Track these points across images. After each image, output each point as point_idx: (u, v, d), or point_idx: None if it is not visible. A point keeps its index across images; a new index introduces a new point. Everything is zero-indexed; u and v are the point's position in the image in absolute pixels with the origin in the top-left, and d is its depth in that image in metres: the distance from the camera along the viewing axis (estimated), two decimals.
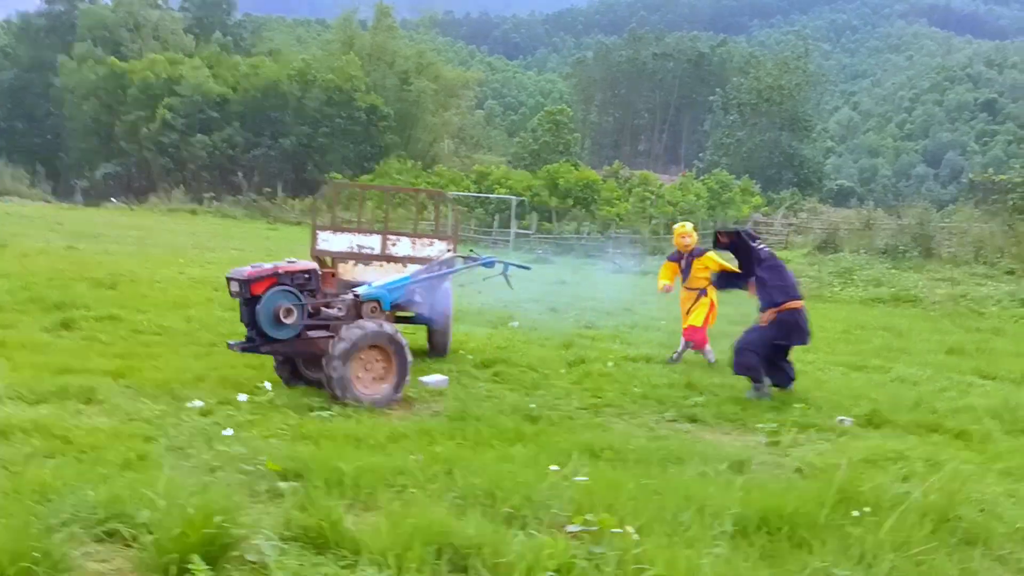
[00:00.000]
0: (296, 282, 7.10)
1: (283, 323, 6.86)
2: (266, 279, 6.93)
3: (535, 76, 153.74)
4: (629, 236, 42.60)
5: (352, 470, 4.65)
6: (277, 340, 6.95)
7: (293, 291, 7.01)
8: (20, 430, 5.16)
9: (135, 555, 3.48)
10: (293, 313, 6.90)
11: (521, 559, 3.64)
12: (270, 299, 6.85)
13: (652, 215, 45.20)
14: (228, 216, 53.23)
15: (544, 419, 6.75)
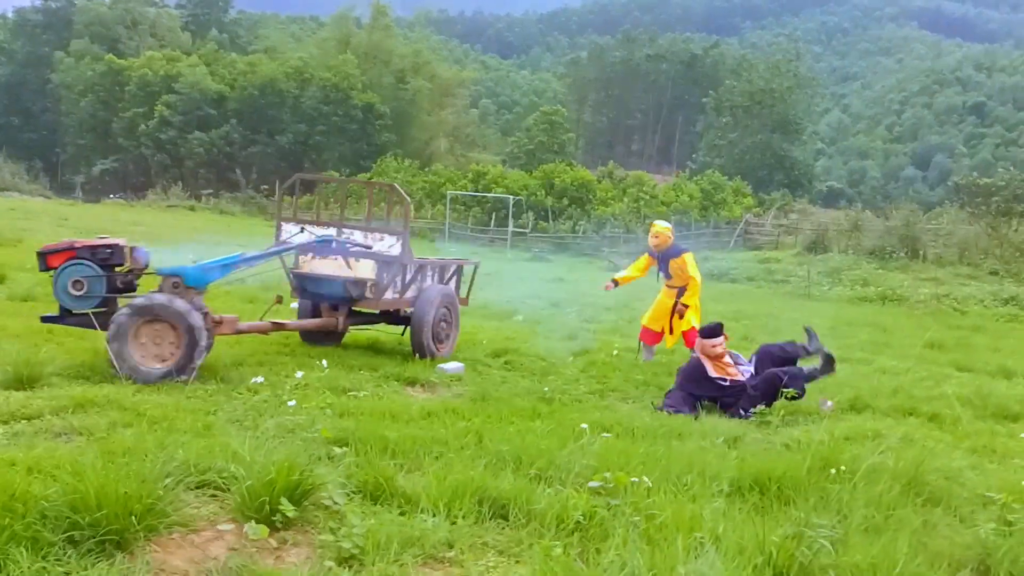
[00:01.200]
0: (98, 257, 7.23)
1: (77, 295, 7.11)
2: (63, 253, 7.18)
3: (529, 75, 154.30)
4: (623, 235, 43.29)
5: (396, 438, 5.31)
6: (80, 313, 7.18)
7: (90, 265, 7.17)
8: (95, 404, 5.79)
9: (228, 501, 4.12)
10: (83, 285, 7.07)
11: (551, 508, 4.30)
12: (64, 272, 7.12)
13: (646, 215, 45.85)
14: (226, 212, 53.81)
15: (556, 401, 7.42)
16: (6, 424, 5.28)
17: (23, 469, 3.86)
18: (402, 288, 9.34)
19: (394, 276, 9.13)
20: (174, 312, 6.95)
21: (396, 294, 9.29)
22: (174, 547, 3.69)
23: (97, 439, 4.99)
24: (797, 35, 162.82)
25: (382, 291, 8.99)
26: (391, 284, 9.10)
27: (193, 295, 7.31)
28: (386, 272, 9.00)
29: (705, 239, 44.40)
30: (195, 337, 6.97)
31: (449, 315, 9.66)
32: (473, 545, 3.97)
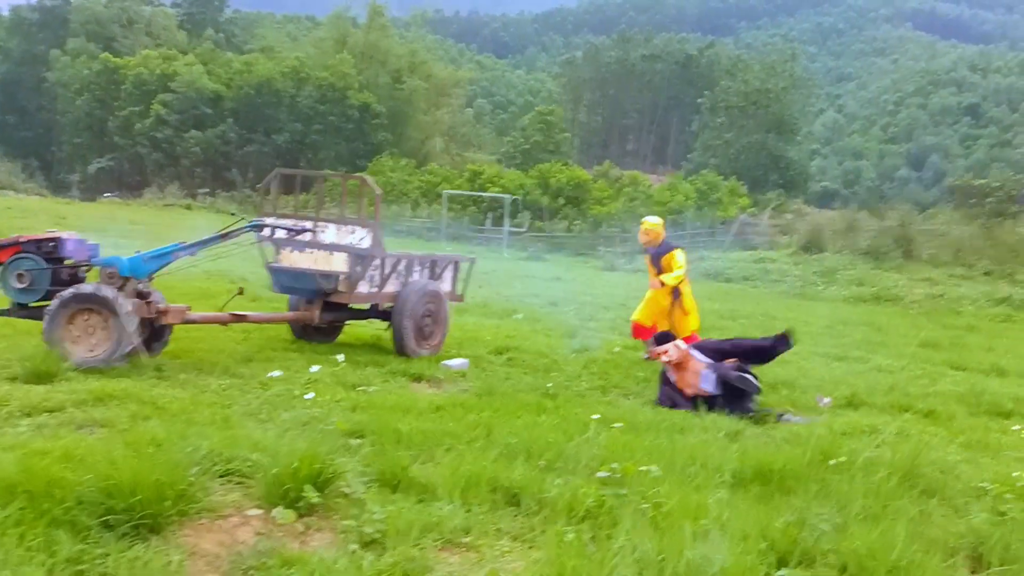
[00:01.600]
0: (43, 251, 7.48)
1: (22, 288, 7.38)
2: (9, 248, 7.45)
3: (524, 75, 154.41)
4: (619, 234, 43.45)
5: (408, 431, 5.48)
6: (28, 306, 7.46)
7: (34, 258, 7.41)
8: (113, 397, 5.95)
9: (252, 489, 4.28)
10: (27, 278, 7.35)
11: (562, 496, 4.47)
12: (10, 266, 7.39)
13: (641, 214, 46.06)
14: (222, 211, 53.67)
15: (560, 396, 7.59)
16: (30, 417, 5.44)
17: (55, 458, 4.01)
18: (381, 282, 9.28)
19: (367, 270, 9.10)
20: (100, 300, 7.12)
21: (374, 288, 9.25)
22: (204, 531, 3.85)
23: (119, 431, 5.15)
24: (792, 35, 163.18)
25: (354, 284, 8.98)
26: (364, 278, 9.08)
27: (131, 284, 7.45)
28: (359, 265, 8.98)
29: (700, 239, 44.57)
30: (122, 324, 7.10)
31: (436, 311, 9.53)
32: (488, 531, 4.14)
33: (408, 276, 9.60)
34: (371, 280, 9.22)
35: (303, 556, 3.61)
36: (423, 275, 9.81)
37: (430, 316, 9.45)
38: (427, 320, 9.42)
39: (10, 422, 5.29)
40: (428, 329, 9.45)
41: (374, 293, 9.30)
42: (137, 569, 3.30)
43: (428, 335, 9.45)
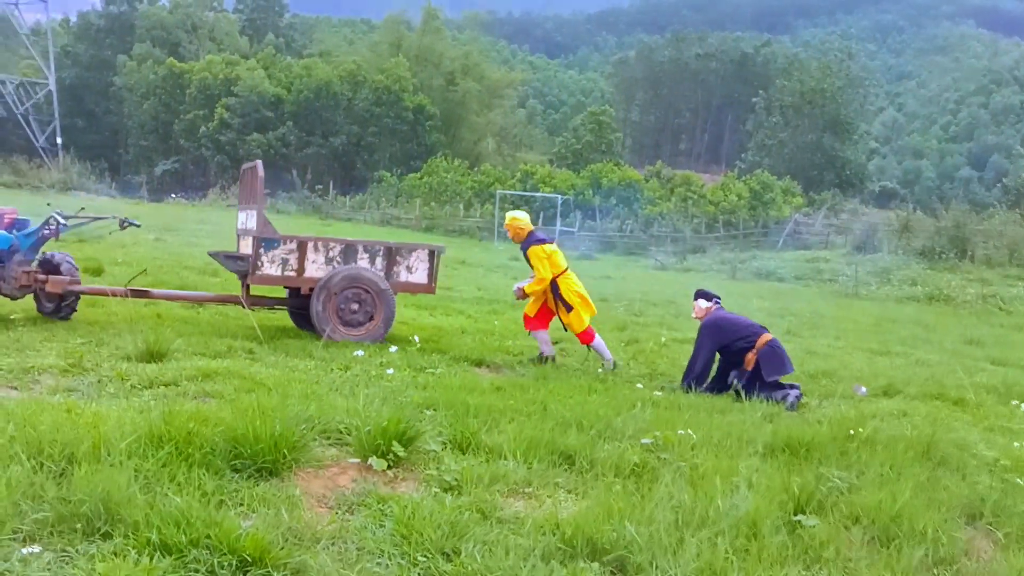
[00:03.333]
0: None
1: None
2: None
3: (576, 75, 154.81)
4: (671, 234, 43.89)
5: (474, 404, 6.22)
6: None
7: None
8: (217, 374, 6.77)
9: (346, 447, 5.06)
10: None
11: (610, 457, 5.18)
12: None
13: (694, 214, 46.40)
14: (282, 212, 55.18)
15: (610, 381, 8.27)
16: (150, 389, 6.29)
17: (189, 416, 4.81)
18: (298, 267, 9.39)
19: (272, 253, 9.32)
20: None
21: (289, 272, 9.41)
22: (311, 477, 4.62)
23: (229, 400, 5.96)
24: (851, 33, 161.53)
25: (254, 267, 9.31)
26: (267, 261, 9.31)
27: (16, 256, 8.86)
28: (260, 248, 9.31)
29: (753, 238, 44.84)
30: None
31: (368, 299, 9.34)
32: (546, 484, 4.85)
33: (347, 262, 9.53)
34: (285, 264, 9.40)
35: (394, 496, 4.36)
36: (372, 263, 9.61)
37: (358, 302, 9.35)
38: (354, 306, 9.34)
39: (136, 392, 6.14)
40: (355, 316, 9.36)
41: (289, 277, 9.47)
42: (264, 501, 4.08)
43: (355, 322, 9.35)
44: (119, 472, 3.87)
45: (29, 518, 3.51)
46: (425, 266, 9.92)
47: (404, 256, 9.75)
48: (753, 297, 22.50)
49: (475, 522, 4.05)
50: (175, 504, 3.66)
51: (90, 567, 3.21)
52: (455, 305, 14.22)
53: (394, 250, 9.75)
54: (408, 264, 9.76)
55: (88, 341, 7.83)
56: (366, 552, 3.68)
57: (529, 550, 3.77)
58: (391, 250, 9.73)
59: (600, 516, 4.09)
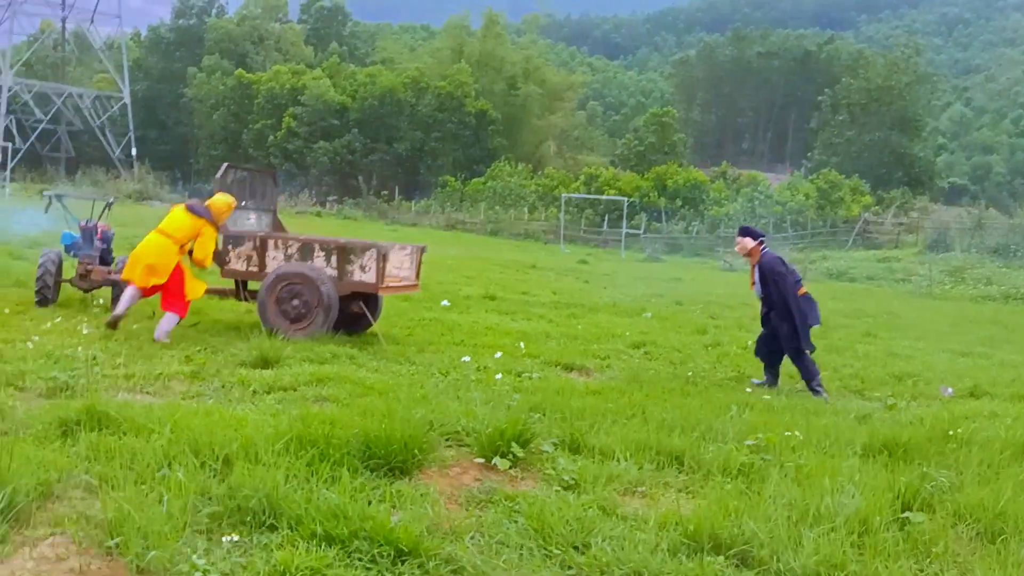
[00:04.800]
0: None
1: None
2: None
3: (636, 76, 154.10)
4: None
5: (577, 407, 6.48)
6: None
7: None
8: (329, 379, 7.15)
9: (465, 448, 5.37)
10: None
11: (717, 459, 5.41)
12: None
13: (761, 215, 46.01)
14: (349, 218, 56.20)
15: (701, 383, 8.47)
16: (270, 393, 6.67)
17: (323, 420, 5.16)
18: (259, 263, 9.82)
19: (237, 249, 9.88)
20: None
21: (252, 268, 9.87)
22: (436, 476, 4.94)
23: (345, 404, 6.32)
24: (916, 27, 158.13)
25: (223, 262, 9.97)
26: (231, 256, 9.91)
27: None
28: (230, 244, 9.92)
29: (821, 238, 44.36)
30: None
31: (311, 295, 9.41)
32: (657, 484, 5.10)
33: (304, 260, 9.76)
34: (249, 260, 9.90)
35: (521, 494, 4.64)
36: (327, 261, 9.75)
37: (297, 298, 9.46)
38: (294, 302, 9.46)
39: (259, 397, 6.53)
40: (296, 311, 9.46)
41: (252, 272, 9.93)
42: (403, 498, 4.40)
43: (296, 317, 9.46)
44: (274, 471, 4.22)
45: (202, 512, 3.87)
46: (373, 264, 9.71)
47: (357, 255, 9.72)
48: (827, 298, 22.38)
49: (599, 518, 4.31)
50: (331, 500, 3.99)
51: (267, 555, 3.55)
52: (534, 310, 14.50)
53: (347, 249, 9.82)
54: (362, 263, 9.67)
55: (203, 348, 8.28)
56: (504, 545, 3.96)
57: (655, 544, 4.02)
58: (344, 249, 9.81)
59: (718, 513, 4.32)
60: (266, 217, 11.91)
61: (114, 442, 4.74)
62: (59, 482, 4.18)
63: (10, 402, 5.64)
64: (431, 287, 16.62)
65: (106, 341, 8.23)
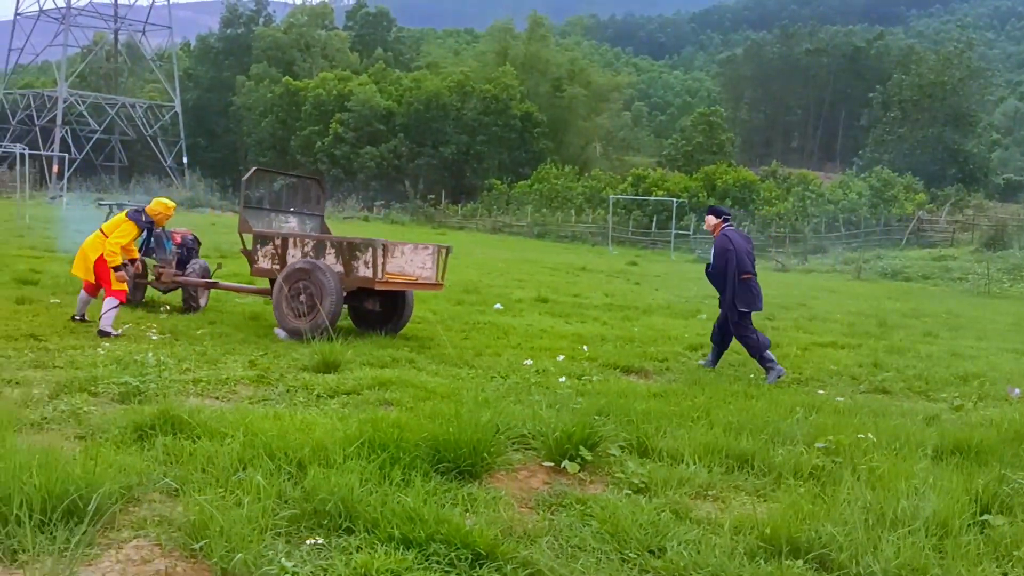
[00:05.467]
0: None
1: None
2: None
3: (682, 75, 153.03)
4: (789, 235, 43.11)
5: (641, 410, 6.45)
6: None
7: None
8: (391, 383, 7.19)
9: (534, 450, 5.36)
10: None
11: (787, 461, 5.34)
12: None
13: (813, 214, 45.45)
14: (396, 222, 56.60)
15: (763, 386, 8.38)
16: (334, 398, 6.73)
17: (389, 424, 5.19)
18: (280, 261, 10.29)
19: (265, 248, 10.47)
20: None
21: (275, 265, 10.33)
22: (505, 479, 4.94)
23: (409, 408, 6.35)
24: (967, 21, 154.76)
25: (252, 260, 10.66)
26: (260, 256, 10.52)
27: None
28: (257, 244, 10.54)
29: (875, 237, 43.67)
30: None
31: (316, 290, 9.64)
32: (728, 487, 5.05)
33: (319, 256, 10.08)
34: (273, 258, 10.43)
35: (592, 497, 4.63)
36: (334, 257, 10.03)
37: (303, 293, 9.72)
38: (301, 298, 9.72)
39: (323, 401, 6.60)
40: (303, 306, 9.70)
41: (276, 269, 10.33)
42: (475, 501, 4.41)
43: (301, 312, 9.70)
44: (347, 474, 4.25)
45: (280, 515, 3.91)
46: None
47: (361, 251, 9.93)
48: (883, 298, 22.10)
49: (673, 522, 4.28)
50: (406, 503, 4.01)
51: (346, 558, 3.58)
52: (588, 312, 14.47)
53: (352, 245, 10.01)
54: (366, 259, 9.88)
55: (265, 353, 8.39)
56: (579, 549, 3.95)
57: (731, 549, 3.98)
58: (350, 245, 10.02)
59: (793, 517, 4.27)
60: (312, 221, 12.30)
61: (189, 446, 4.82)
62: (139, 485, 4.26)
63: (85, 407, 5.77)
64: (483, 291, 16.71)
65: (172, 347, 8.38)
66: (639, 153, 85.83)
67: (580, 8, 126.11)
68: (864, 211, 46.57)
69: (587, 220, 52.79)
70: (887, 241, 42.64)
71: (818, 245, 41.49)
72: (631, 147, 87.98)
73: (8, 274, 13.49)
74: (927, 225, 45.42)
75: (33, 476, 3.83)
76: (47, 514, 3.67)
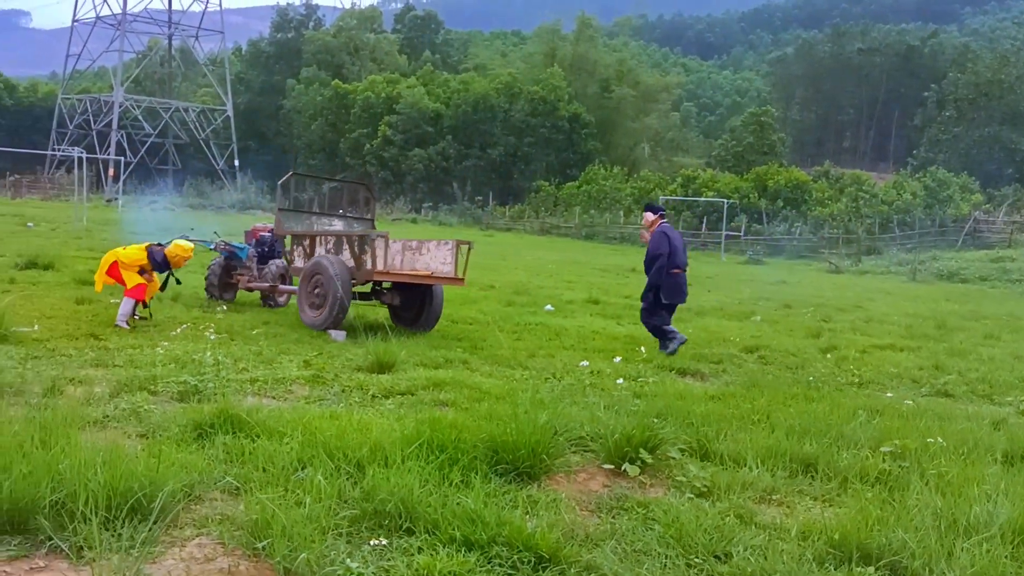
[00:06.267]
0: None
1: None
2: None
3: (731, 75, 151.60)
4: (843, 236, 42.45)
5: (700, 413, 6.34)
6: None
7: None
8: (445, 384, 7.16)
9: (592, 452, 5.30)
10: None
11: (853, 466, 5.21)
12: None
13: (866, 215, 44.69)
14: (444, 224, 56.83)
15: (822, 388, 8.21)
16: (389, 398, 6.72)
17: (446, 425, 5.16)
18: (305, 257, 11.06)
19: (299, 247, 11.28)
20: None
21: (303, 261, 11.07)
22: (564, 482, 4.88)
23: (465, 408, 6.32)
24: None
25: (290, 260, 11.53)
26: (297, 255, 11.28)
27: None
28: (295, 243, 11.41)
29: (930, 238, 42.83)
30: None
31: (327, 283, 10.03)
32: (792, 492, 4.93)
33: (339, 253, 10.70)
34: (304, 255, 11.19)
35: (654, 501, 4.55)
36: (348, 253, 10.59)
37: (318, 287, 10.23)
38: (316, 291, 10.24)
39: (378, 401, 6.59)
40: (318, 299, 10.23)
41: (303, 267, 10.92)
42: (535, 504, 4.36)
43: (315, 306, 10.25)
44: (406, 475, 4.23)
45: (341, 516, 3.89)
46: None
47: (369, 245, 10.25)
48: (940, 300, 21.64)
49: (737, 527, 4.19)
50: (466, 505, 3.97)
51: (408, 560, 3.55)
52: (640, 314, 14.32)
53: (362, 240, 10.32)
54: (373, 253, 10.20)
55: (319, 353, 8.42)
56: (642, 553, 3.88)
57: (799, 555, 3.88)
58: (360, 240, 10.37)
59: (862, 523, 4.15)
60: (360, 225, 12.59)
61: (248, 444, 4.83)
62: (200, 483, 4.27)
63: (146, 406, 5.82)
64: (532, 292, 16.66)
65: (229, 346, 8.45)
66: (687, 154, 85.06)
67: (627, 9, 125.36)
68: (919, 212, 45.69)
69: (636, 221, 52.42)
70: (942, 242, 41.80)
71: (872, 246, 40.80)
72: (680, 148, 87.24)
73: (68, 274, 13.75)
74: (984, 226, 44.43)
75: (98, 473, 3.86)
76: (112, 511, 3.69)
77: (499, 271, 22.09)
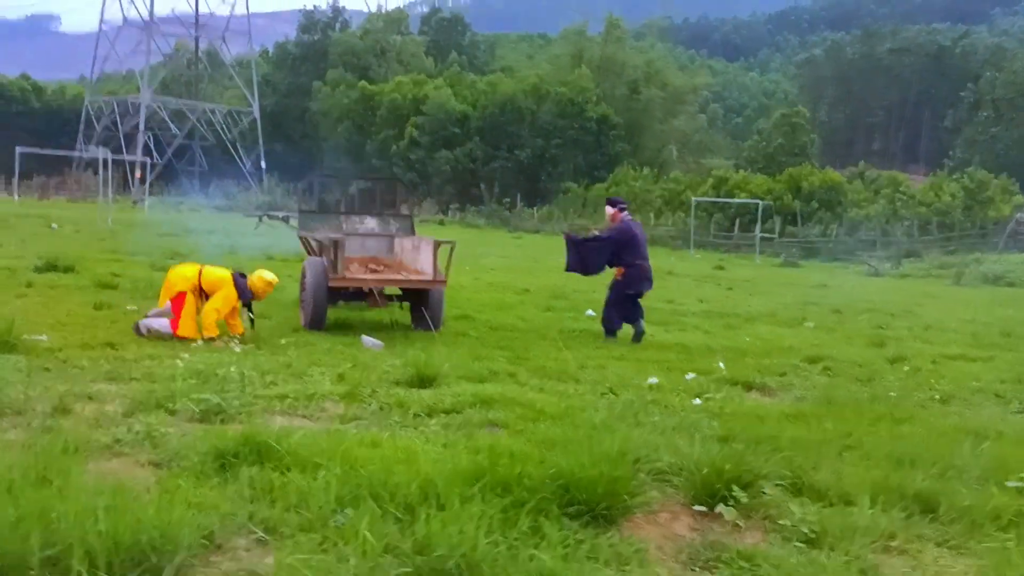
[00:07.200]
0: None
1: None
2: None
3: (758, 77, 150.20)
4: (879, 238, 41.40)
5: (783, 438, 5.60)
6: None
7: None
8: (494, 401, 6.46)
9: (671, 486, 4.57)
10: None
11: (979, 505, 4.45)
12: None
13: (903, 216, 43.61)
14: (472, 226, 56.17)
15: (908, 406, 7.42)
16: (431, 417, 6.04)
17: (504, 455, 4.46)
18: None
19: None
20: None
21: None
22: (644, 524, 4.17)
23: (518, 431, 5.62)
24: None
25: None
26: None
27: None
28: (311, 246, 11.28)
29: (970, 240, 41.69)
30: None
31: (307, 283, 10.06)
32: (911, 536, 4.19)
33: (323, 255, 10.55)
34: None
35: (754, 551, 3.83)
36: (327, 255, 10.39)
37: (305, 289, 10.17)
38: (304, 292, 10.22)
39: (420, 420, 5.91)
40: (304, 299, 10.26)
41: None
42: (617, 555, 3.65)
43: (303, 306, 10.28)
44: (465, 521, 3.52)
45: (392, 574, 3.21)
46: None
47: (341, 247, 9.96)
48: (992, 304, 20.71)
49: None
50: (543, 562, 3.27)
51: None
52: (686, 320, 13.61)
53: (336, 243, 10.03)
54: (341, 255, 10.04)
55: (353, 365, 7.75)
56: None
57: None
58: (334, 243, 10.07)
59: None
60: (398, 222, 12.31)
61: (278, 479, 4.16)
62: (221, 529, 3.61)
63: (162, 428, 5.17)
64: (570, 296, 15.96)
65: (255, 357, 7.80)
66: (715, 156, 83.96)
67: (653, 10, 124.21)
68: (958, 213, 44.53)
69: (666, 223, 51.59)
70: (983, 244, 40.66)
71: (911, 249, 39.73)
72: (708, 149, 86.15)
73: (89, 277, 13.19)
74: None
75: (98, 522, 3.20)
76: (114, 571, 3.03)
77: (533, 274, 21.41)
